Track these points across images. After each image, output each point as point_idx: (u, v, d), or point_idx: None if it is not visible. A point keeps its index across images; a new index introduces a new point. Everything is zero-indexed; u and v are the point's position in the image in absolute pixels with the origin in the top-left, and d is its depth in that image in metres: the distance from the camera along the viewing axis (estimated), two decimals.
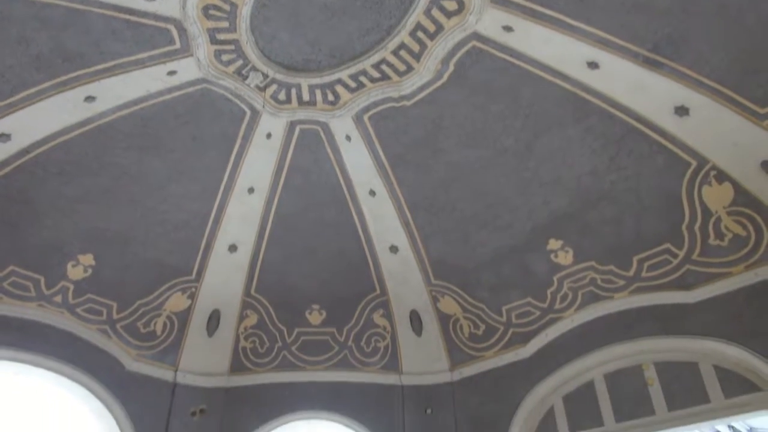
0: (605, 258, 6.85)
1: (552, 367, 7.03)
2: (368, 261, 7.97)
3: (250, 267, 7.85)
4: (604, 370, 6.73)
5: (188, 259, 7.59)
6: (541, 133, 6.67)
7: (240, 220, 7.58)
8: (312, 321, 8.04)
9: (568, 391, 6.93)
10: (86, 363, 6.88)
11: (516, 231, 7.29)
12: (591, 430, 6.70)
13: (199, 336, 7.75)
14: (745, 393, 5.80)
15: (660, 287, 6.46)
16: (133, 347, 7.35)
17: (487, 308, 7.63)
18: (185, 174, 7.12)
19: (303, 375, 7.89)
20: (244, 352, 7.93)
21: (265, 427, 7.61)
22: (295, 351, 7.98)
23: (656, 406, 6.28)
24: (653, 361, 6.44)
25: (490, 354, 7.60)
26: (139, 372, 7.30)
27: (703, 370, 6.08)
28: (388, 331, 8.03)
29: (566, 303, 7.09)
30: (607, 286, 6.83)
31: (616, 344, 6.65)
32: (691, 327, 6.15)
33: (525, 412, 7.05)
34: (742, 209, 5.95)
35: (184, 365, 7.61)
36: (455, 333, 7.86)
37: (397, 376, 7.89)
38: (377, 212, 7.66)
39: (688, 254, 6.32)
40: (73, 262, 6.97)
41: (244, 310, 7.94)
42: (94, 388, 6.91)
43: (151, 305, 7.47)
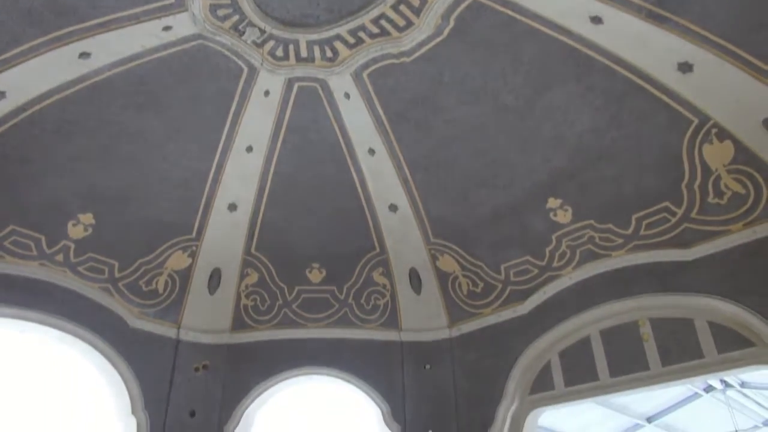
0: (604, 216, 6.87)
1: (549, 324, 7.14)
2: (368, 219, 8.00)
3: (249, 225, 7.88)
4: (601, 327, 6.84)
5: (188, 218, 7.61)
6: (543, 91, 6.60)
7: (239, 179, 7.57)
8: (312, 279, 8.11)
9: (565, 346, 7.05)
10: (89, 321, 6.99)
11: (515, 189, 7.29)
12: (586, 384, 6.87)
13: (200, 294, 7.84)
14: (738, 348, 5.90)
15: (658, 245, 6.50)
16: (136, 305, 7.45)
17: (486, 266, 7.70)
18: (183, 132, 7.08)
19: (304, 332, 8.01)
20: (246, 309, 8.04)
21: (267, 383, 7.78)
22: (295, 308, 8.08)
23: (650, 361, 6.40)
24: (649, 318, 6.54)
25: (489, 311, 7.71)
26: (142, 329, 7.41)
27: (697, 326, 6.17)
28: (387, 289, 8.12)
29: (564, 261, 7.15)
30: (605, 245, 6.87)
31: (613, 301, 6.74)
32: (687, 284, 6.21)
33: (522, 367, 7.20)
34: (742, 167, 5.93)
35: (187, 322, 7.73)
36: (454, 291, 7.95)
37: (396, 333, 8.02)
38: (376, 171, 7.64)
39: (686, 212, 6.34)
40: (74, 221, 7.00)
41: (245, 269, 8.00)
42: (98, 345, 7.03)
43: (152, 264, 7.53)
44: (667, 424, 13.02)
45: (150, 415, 7.11)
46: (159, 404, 7.21)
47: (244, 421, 7.58)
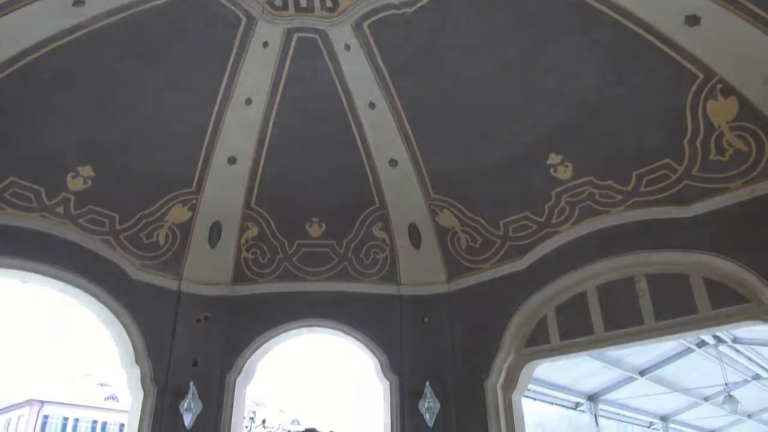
0: (604, 173, 6.85)
1: (546, 279, 7.22)
2: (368, 174, 7.97)
3: (249, 179, 7.86)
4: (597, 282, 6.93)
5: (188, 171, 7.59)
6: (547, 44, 6.47)
7: (238, 132, 7.51)
8: (312, 233, 8.14)
9: (561, 301, 7.16)
10: (92, 272, 7.06)
11: (516, 145, 7.24)
12: (580, 338, 7.00)
13: (201, 247, 7.89)
14: (732, 304, 6.00)
15: (657, 202, 6.51)
16: (137, 257, 7.51)
17: (485, 222, 7.72)
18: (181, 84, 6.97)
19: (304, 285, 8.10)
20: (246, 262, 8.10)
21: (268, 334, 7.92)
22: (295, 262, 8.15)
23: (645, 316, 6.51)
24: (645, 274, 6.61)
25: (487, 266, 7.78)
26: (144, 281, 7.50)
27: (693, 282, 6.25)
28: (387, 244, 8.17)
29: (563, 217, 7.17)
30: (605, 201, 6.88)
31: (610, 257, 6.79)
32: (685, 241, 6.25)
33: (518, 321, 7.32)
34: (746, 124, 5.88)
35: (188, 275, 7.81)
36: (453, 246, 8.00)
37: (395, 287, 8.11)
38: (377, 125, 7.57)
39: (687, 169, 6.32)
40: (73, 174, 6.97)
41: (245, 222, 8.03)
42: (101, 296, 7.12)
43: (152, 217, 7.55)
44: (659, 377, 13.30)
45: (153, 364, 7.27)
46: (162, 354, 7.36)
47: (245, 370, 7.75)
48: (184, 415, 7.05)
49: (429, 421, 7.27)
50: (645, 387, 13.58)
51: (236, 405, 7.58)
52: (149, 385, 7.17)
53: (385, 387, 7.77)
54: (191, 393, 7.12)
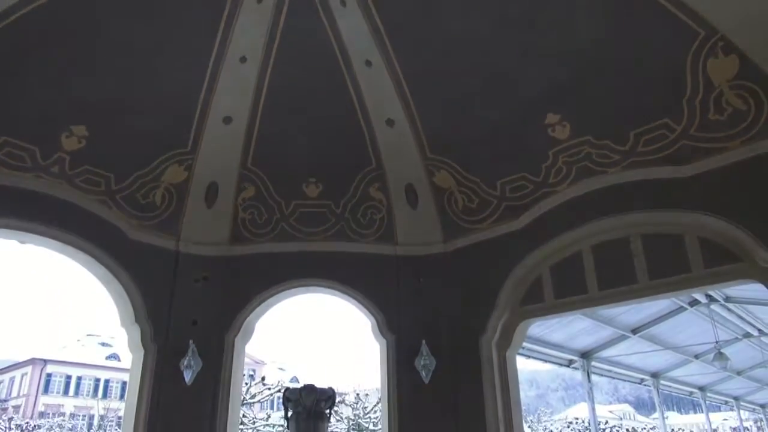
0: (602, 133, 6.81)
1: (542, 239, 7.26)
2: (364, 134, 7.91)
3: (245, 139, 7.79)
4: (592, 242, 6.98)
5: (183, 131, 7.52)
6: (546, 2, 6.34)
7: (233, 91, 7.40)
8: (309, 193, 8.13)
9: (556, 261, 7.22)
10: (89, 232, 7.06)
11: (514, 105, 7.17)
12: (575, 297, 7.10)
13: (198, 207, 7.89)
14: (725, 264, 6.06)
15: (654, 162, 6.50)
16: (134, 218, 7.51)
17: (482, 182, 7.72)
18: (174, 41, 6.84)
19: (301, 245, 8.14)
20: (243, 223, 8.12)
21: (265, 294, 7.99)
22: (292, 222, 8.16)
23: (639, 275, 6.59)
24: (640, 234, 6.66)
25: (483, 226, 7.81)
26: (142, 241, 7.52)
27: (687, 242, 6.30)
28: (383, 204, 8.18)
29: (560, 177, 7.17)
30: (602, 161, 6.86)
31: (606, 218, 6.82)
32: (680, 201, 6.27)
33: (514, 280, 7.40)
34: (746, 83, 5.82)
35: (186, 235, 7.83)
36: (449, 206, 8.01)
37: (392, 247, 8.15)
38: (373, 83, 7.47)
39: (685, 129, 6.29)
40: (67, 133, 6.90)
41: (242, 183, 8.01)
42: (99, 256, 7.15)
43: (148, 177, 7.52)
44: (651, 335, 13.55)
45: (153, 323, 7.36)
46: (161, 313, 7.45)
47: (244, 329, 7.86)
48: (185, 373, 7.19)
49: (425, 378, 7.42)
50: (637, 345, 13.85)
51: (236, 363, 7.72)
52: (149, 344, 7.28)
53: (382, 345, 7.91)
54: (191, 351, 7.23)
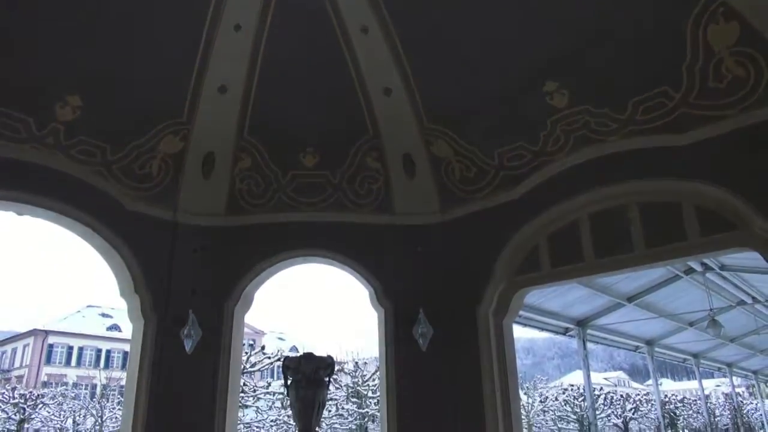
0: (601, 101, 6.76)
1: (539, 209, 7.28)
2: (361, 103, 7.84)
3: (241, 109, 7.72)
4: (590, 211, 6.99)
5: (178, 101, 7.45)
6: None
7: (228, 60, 7.30)
8: (306, 163, 8.10)
9: (553, 230, 7.25)
10: (85, 203, 7.05)
11: (513, 73, 7.09)
12: (571, 266, 7.14)
13: (195, 178, 7.86)
14: (721, 232, 6.09)
15: (652, 130, 6.46)
16: (131, 189, 7.49)
17: (480, 151, 7.69)
18: (168, 8, 6.72)
19: (298, 216, 8.14)
20: (240, 193, 8.11)
21: (263, 264, 8.03)
22: (290, 193, 8.15)
23: (635, 244, 6.62)
24: (637, 202, 6.67)
25: (481, 196, 7.81)
26: (140, 212, 7.51)
27: (684, 210, 6.31)
28: (381, 174, 8.15)
29: (558, 146, 7.14)
30: (600, 129, 6.83)
31: (603, 186, 6.82)
32: (678, 169, 6.26)
33: (511, 250, 7.43)
34: (746, 49, 5.75)
35: (183, 206, 7.82)
36: (447, 176, 7.99)
37: (389, 217, 8.16)
38: (369, 51, 7.37)
39: (684, 97, 6.24)
40: (61, 104, 6.83)
41: (238, 153, 7.97)
42: (97, 227, 7.15)
43: (144, 147, 7.47)
44: (646, 303, 13.69)
45: (152, 293, 7.41)
46: (161, 284, 7.49)
47: (243, 299, 7.92)
48: (185, 342, 7.26)
49: (422, 345, 7.51)
50: (632, 313, 14.00)
51: (235, 332, 7.80)
52: (149, 314, 7.34)
53: (380, 314, 7.98)
54: (191, 320, 7.30)
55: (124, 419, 7.29)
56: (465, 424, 7.23)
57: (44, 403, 31.21)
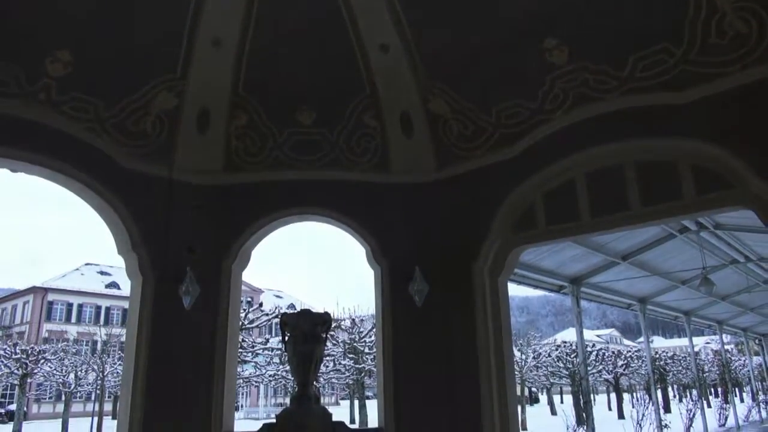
0: (601, 57, 6.67)
1: (536, 167, 7.26)
2: (358, 60, 7.72)
3: (235, 64, 7.58)
4: (586, 169, 6.98)
5: (171, 56, 7.30)
6: None
7: (222, 13, 7.12)
8: (302, 121, 8.02)
9: (549, 188, 7.26)
10: (81, 160, 7.00)
11: (512, 29, 6.96)
12: (566, 224, 7.18)
13: (190, 135, 7.79)
14: (717, 190, 6.10)
15: (652, 88, 6.40)
16: (126, 146, 7.42)
17: (478, 109, 7.62)
18: None
19: (295, 174, 8.11)
20: (236, 151, 8.05)
21: (261, 222, 8.05)
22: (286, 150, 8.10)
23: (631, 203, 6.64)
24: (635, 161, 6.66)
25: (478, 154, 7.78)
26: (135, 169, 7.46)
27: (681, 168, 6.31)
28: (378, 132, 8.09)
29: (556, 104, 7.07)
30: (599, 87, 6.76)
31: (601, 145, 6.80)
32: (676, 128, 6.23)
33: (507, 208, 7.45)
34: (750, 4, 5.64)
35: (179, 163, 7.78)
36: (444, 133, 7.94)
37: (386, 175, 8.15)
38: (366, 6, 7.21)
39: (685, 53, 6.15)
40: (51, 58, 6.68)
41: (234, 110, 7.87)
42: (92, 184, 7.11)
43: (138, 104, 7.36)
44: (640, 262, 13.83)
45: (150, 250, 7.44)
46: (158, 241, 7.51)
47: (240, 256, 7.97)
48: (183, 299, 7.34)
49: (418, 302, 7.61)
50: (626, 271, 14.16)
51: (233, 288, 7.87)
52: (147, 271, 7.39)
53: (377, 271, 8.05)
54: (189, 277, 7.35)
55: (124, 374, 7.43)
56: (459, 379, 7.39)
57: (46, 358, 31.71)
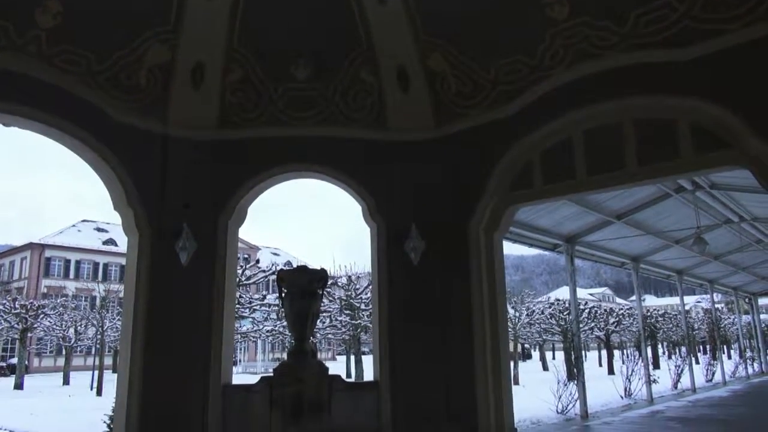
0: (602, 13, 6.53)
1: (534, 125, 7.21)
2: (354, 14, 7.54)
3: (230, 17, 7.40)
4: (585, 127, 6.94)
5: (164, 7, 7.12)
6: None
7: None
8: (298, 76, 7.87)
9: (547, 146, 7.22)
10: (74, 114, 6.90)
11: None
12: (563, 182, 7.18)
13: (185, 90, 7.67)
14: (715, 150, 6.08)
15: (653, 44, 6.30)
16: (119, 100, 7.31)
17: (477, 65, 7.50)
18: None
19: (291, 130, 8.03)
20: (232, 106, 7.94)
21: (256, 179, 8.01)
22: (282, 106, 7.99)
23: (628, 161, 6.63)
24: (633, 119, 6.61)
25: (476, 111, 7.70)
26: (129, 124, 7.38)
27: (679, 127, 6.28)
28: (374, 88, 7.98)
29: (556, 60, 6.97)
30: (600, 43, 6.65)
31: (599, 103, 6.74)
32: (677, 85, 6.16)
33: (504, 165, 7.43)
34: None
35: (174, 118, 7.68)
36: (442, 90, 7.84)
37: (383, 132, 8.07)
38: None
39: (688, 9, 6.03)
40: (40, 9, 6.52)
41: (228, 64, 7.73)
42: (85, 138, 7.03)
43: (130, 57, 7.21)
44: (635, 221, 13.88)
45: (146, 206, 7.43)
46: (153, 197, 7.49)
47: (236, 213, 7.97)
48: (180, 254, 7.37)
49: (414, 260, 7.67)
50: (621, 230, 14.22)
51: (230, 245, 7.89)
52: (144, 227, 7.40)
53: (373, 228, 8.08)
54: (185, 233, 7.37)
55: (123, 328, 7.52)
56: (454, 335, 7.51)
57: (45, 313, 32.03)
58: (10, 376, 33.11)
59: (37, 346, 42.86)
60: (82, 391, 23.31)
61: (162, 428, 6.96)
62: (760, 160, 5.71)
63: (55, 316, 33.48)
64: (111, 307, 35.98)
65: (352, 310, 26.07)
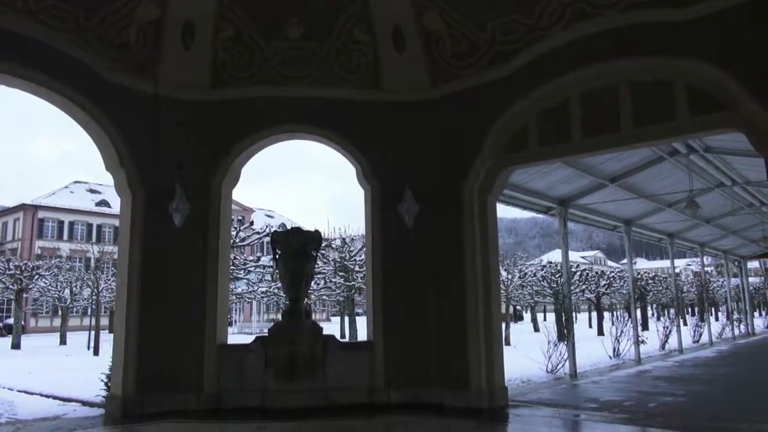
0: None
1: (531, 86, 7.14)
2: None
3: None
4: (581, 89, 6.87)
5: None
6: None
7: None
8: (291, 35, 7.74)
9: (543, 108, 7.16)
10: (61, 72, 6.78)
11: None
12: (558, 145, 7.16)
13: (175, 48, 7.53)
14: (710, 112, 6.05)
15: (653, 3, 6.19)
16: (109, 58, 7.18)
17: (473, 25, 7.37)
18: None
19: (284, 90, 7.93)
20: (224, 65, 7.82)
21: (249, 140, 7.95)
22: (275, 65, 7.87)
23: (623, 124, 6.60)
24: (630, 80, 6.55)
25: (472, 72, 7.61)
26: (120, 84, 7.27)
27: (676, 88, 6.24)
28: (369, 47, 7.85)
29: (554, 20, 6.85)
30: (599, 3, 6.53)
31: (596, 63, 6.66)
32: (675, 46, 6.09)
33: (499, 127, 7.39)
34: None
35: (165, 77, 7.57)
36: (438, 50, 7.72)
37: (378, 93, 7.98)
38: None
39: None
40: None
41: (220, 22, 7.56)
42: (75, 97, 6.94)
43: (119, 14, 7.05)
44: (628, 185, 13.89)
45: (138, 167, 7.38)
46: (146, 157, 7.44)
47: (230, 174, 7.93)
48: (174, 216, 7.36)
49: (408, 222, 7.69)
50: (614, 193, 14.24)
51: (223, 206, 7.88)
52: (137, 187, 7.36)
53: (367, 191, 8.07)
54: (178, 194, 7.34)
55: (118, 289, 7.56)
56: (446, 296, 7.59)
57: (40, 274, 32.06)
58: (7, 336, 33.37)
59: (33, 307, 43.05)
60: (79, 350, 23.55)
61: (158, 387, 7.07)
62: (753, 123, 5.70)
63: (50, 277, 33.53)
64: (106, 268, 36.06)
65: (346, 272, 26.23)
